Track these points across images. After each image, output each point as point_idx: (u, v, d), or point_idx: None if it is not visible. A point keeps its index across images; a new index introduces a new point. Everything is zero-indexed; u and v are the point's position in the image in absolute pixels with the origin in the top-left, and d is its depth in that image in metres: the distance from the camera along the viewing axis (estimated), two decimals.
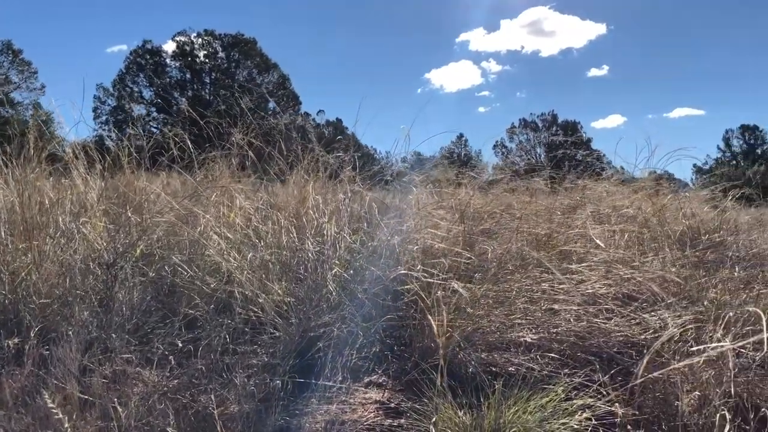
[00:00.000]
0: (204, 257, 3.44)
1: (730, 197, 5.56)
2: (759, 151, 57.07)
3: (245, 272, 3.22)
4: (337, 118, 48.35)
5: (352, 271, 3.26)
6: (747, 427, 2.18)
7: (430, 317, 2.16)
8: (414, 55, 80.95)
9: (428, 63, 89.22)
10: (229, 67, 46.37)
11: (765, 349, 1.61)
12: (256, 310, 3.09)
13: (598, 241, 3.53)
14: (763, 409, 2.17)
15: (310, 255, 3.07)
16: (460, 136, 51.08)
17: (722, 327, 2.87)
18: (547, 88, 79.98)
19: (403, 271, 2.86)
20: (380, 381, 2.82)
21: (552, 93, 78.31)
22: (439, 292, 2.63)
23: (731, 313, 2.60)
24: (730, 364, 1.86)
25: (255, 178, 4.87)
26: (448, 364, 2.85)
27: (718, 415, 1.91)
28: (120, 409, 2.26)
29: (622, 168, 6.74)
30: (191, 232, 3.52)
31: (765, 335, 1.70)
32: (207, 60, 46.28)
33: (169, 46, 46.79)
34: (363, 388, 2.71)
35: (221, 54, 46.54)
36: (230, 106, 4.68)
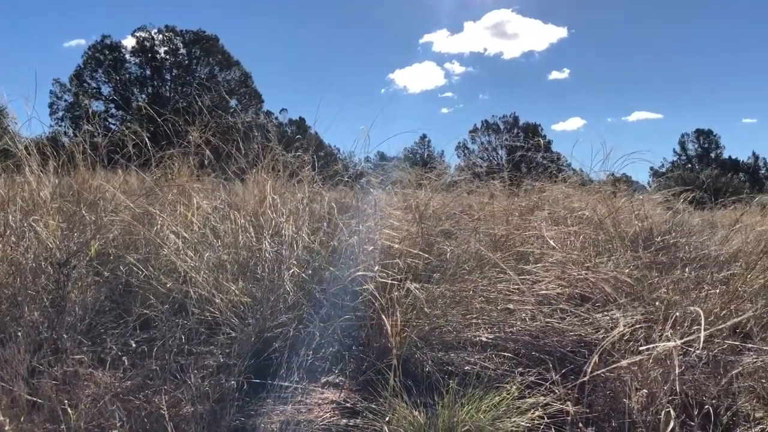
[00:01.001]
0: (160, 257, 3.40)
1: (682, 200, 5.71)
2: (713, 155, 58.70)
3: (202, 272, 3.19)
4: (300, 117, 48.17)
5: (310, 272, 3.26)
6: (692, 423, 2.24)
7: (384, 317, 2.17)
8: (378, 55, 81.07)
9: (392, 63, 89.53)
10: (190, 64, 45.71)
11: (700, 347, 1.66)
12: (212, 310, 3.06)
13: (551, 242, 3.59)
14: (706, 406, 2.24)
15: (267, 255, 3.05)
16: (424, 136, 51.33)
17: (671, 326, 2.95)
18: (509, 90, 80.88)
19: (360, 273, 2.87)
20: (337, 381, 2.82)
21: (514, 95, 79.29)
22: (394, 293, 2.65)
23: (678, 313, 2.68)
24: (675, 362, 1.91)
25: (214, 176, 4.83)
26: (405, 363, 2.88)
27: (663, 412, 1.97)
28: (70, 411, 2.22)
29: (581, 170, 6.86)
30: (147, 231, 3.47)
31: (702, 333, 1.75)
32: (168, 56, 45.54)
33: (129, 42, 45.90)
34: (320, 389, 2.71)
35: (182, 50, 45.83)
36: (190, 104, 4.62)
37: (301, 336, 2.80)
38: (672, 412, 1.88)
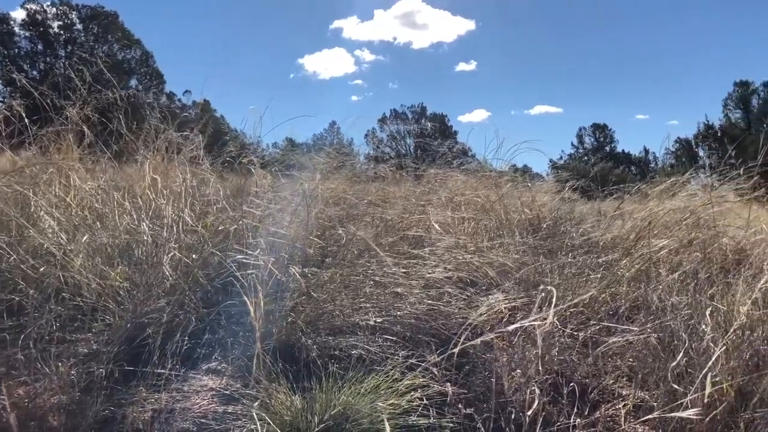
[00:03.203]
0: (31, 240, 3.19)
1: (568, 189, 5.96)
2: (607, 148, 61.75)
3: (80, 255, 3.01)
4: (204, 99, 46.58)
5: (195, 256, 3.15)
6: (562, 400, 2.32)
7: (246, 299, 2.12)
8: (287, 39, 79.95)
9: (302, 48, 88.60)
10: (87, 40, 43.34)
11: (547, 325, 1.72)
12: (88, 295, 2.90)
13: (436, 227, 3.64)
14: (572, 384, 2.33)
15: (146, 238, 2.92)
16: (333, 123, 51.04)
17: (550, 309, 3.06)
18: (418, 80, 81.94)
19: (240, 257, 2.79)
20: (219, 368, 2.74)
21: (422, 85, 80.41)
22: (281, 278, 2.60)
23: (542, 294, 2.77)
24: (539, 341, 1.97)
25: (99, 156, 4.58)
26: (291, 349, 2.84)
27: (528, 390, 2.03)
28: None
29: (485, 160, 7.01)
30: (15, 212, 3.24)
31: (551, 310, 1.82)
32: (62, 32, 42.99)
33: (19, 14, 43.01)
34: (200, 376, 2.63)
35: (78, 26, 43.40)
36: (70, 80, 4.35)
37: (180, 322, 2.70)
38: (537, 390, 1.95)
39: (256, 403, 2.07)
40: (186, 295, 2.85)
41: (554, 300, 1.87)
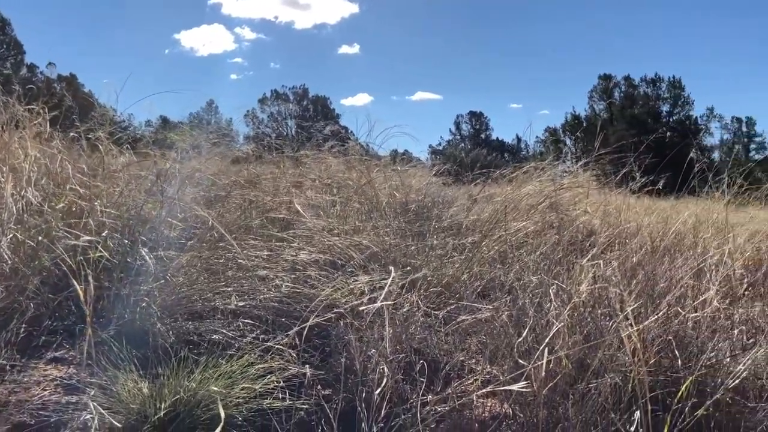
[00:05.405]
0: None
1: (442, 173, 6.13)
2: (483, 135, 64.11)
3: None
4: (70, 73, 43.65)
5: (41, 237, 2.94)
6: (419, 377, 2.38)
7: (74, 282, 2.01)
8: (163, 12, 76.41)
9: (178, 23, 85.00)
10: None
11: (379, 303, 1.76)
12: None
13: (299, 208, 3.62)
14: (427, 361, 2.40)
15: None
16: (211, 102, 49.38)
17: (417, 290, 3.14)
18: (300, 60, 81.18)
19: (88, 238, 2.64)
20: (66, 356, 2.59)
21: (305, 66, 79.75)
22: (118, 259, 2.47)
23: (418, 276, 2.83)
24: (386, 321, 2.01)
25: None
26: (145, 335, 2.72)
27: (378, 369, 2.07)
28: None
29: (366, 144, 7.03)
30: None
31: (385, 290, 1.86)
32: None
33: None
34: (43, 365, 2.47)
35: None
36: None
37: (18, 308, 2.51)
38: (386, 369, 1.98)
39: (92, 392, 1.96)
40: (29, 279, 2.66)
41: (394, 280, 1.90)
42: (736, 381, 2.33)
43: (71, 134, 4.27)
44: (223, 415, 1.76)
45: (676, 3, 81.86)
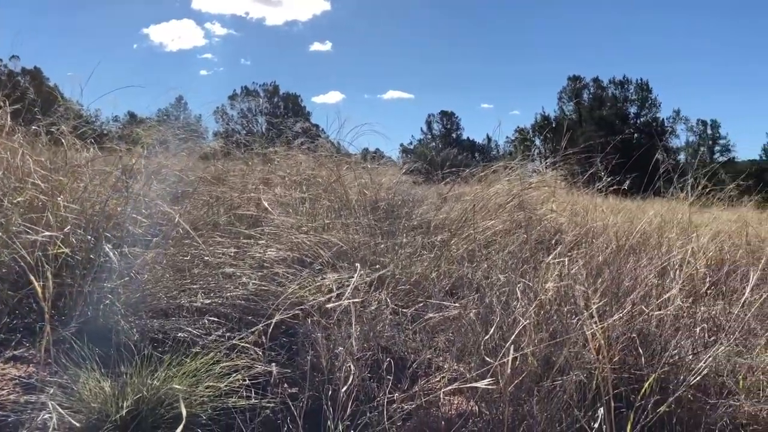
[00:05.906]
0: None
1: (411, 172, 6.14)
2: (454, 135, 64.42)
3: None
4: (35, 67, 42.65)
5: (1, 233, 2.87)
6: (386, 375, 2.38)
7: (32, 277, 1.96)
8: (131, 6, 75.23)
9: (147, 17, 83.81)
10: None
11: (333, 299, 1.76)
12: None
13: (266, 205, 3.59)
14: (395, 359, 2.40)
15: None
16: (180, 98, 48.71)
17: (385, 288, 3.13)
18: (271, 57, 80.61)
19: (48, 233, 2.58)
20: (26, 355, 2.53)
21: (276, 63, 79.25)
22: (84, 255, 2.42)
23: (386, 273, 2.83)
24: (353, 319, 2.01)
25: None
26: (109, 333, 2.67)
27: (344, 367, 2.06)
28: None
29: (338, 142, 7.00)
30: None
31: (350, 288, 1.86)
32: None
33: None
34: (1, 364, 2.41)
35: None
36: None
37: None
38: (353, 367, 1.98)
39: (52, 391, 1.92)
40: None
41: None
42: (698, 378, 2.38)
43: (33, 128, 4.18)
44: (185, 413, 1.73)
45: (646, 5, 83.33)
